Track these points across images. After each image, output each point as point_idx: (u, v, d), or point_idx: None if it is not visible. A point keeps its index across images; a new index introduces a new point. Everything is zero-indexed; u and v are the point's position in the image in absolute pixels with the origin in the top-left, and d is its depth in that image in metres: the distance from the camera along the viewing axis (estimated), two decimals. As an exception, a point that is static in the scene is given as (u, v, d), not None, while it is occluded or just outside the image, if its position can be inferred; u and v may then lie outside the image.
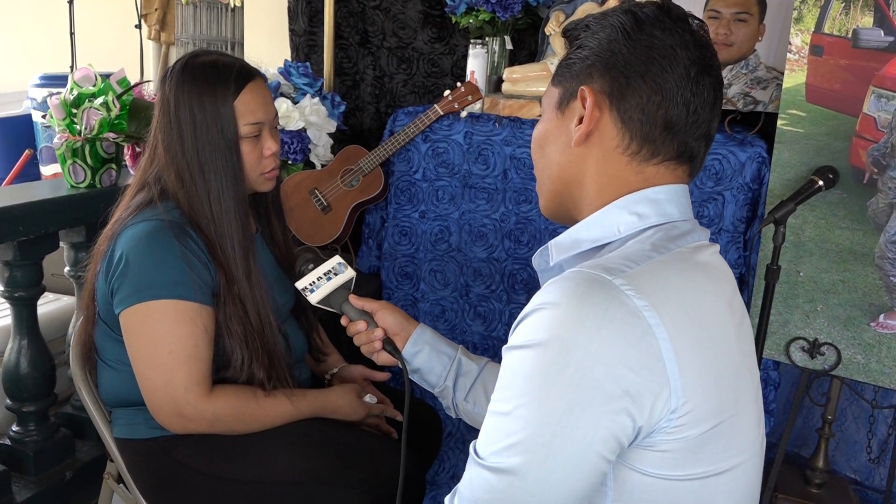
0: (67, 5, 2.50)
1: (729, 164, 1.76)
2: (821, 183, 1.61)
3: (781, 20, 1.84)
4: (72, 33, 2.52)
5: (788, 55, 1.66)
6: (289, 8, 2.55)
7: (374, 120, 2.61)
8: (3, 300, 1.92)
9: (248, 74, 1.28)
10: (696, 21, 0.82)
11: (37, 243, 1.83)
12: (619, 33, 0.80)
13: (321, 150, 2.10)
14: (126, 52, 2.43)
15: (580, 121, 0.82)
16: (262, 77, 1.32)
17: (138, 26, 2.39)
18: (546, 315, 0.71)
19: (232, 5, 2.35)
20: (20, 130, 2.99)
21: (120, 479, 1.37)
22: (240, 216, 1.27)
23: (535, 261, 0.88)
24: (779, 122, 1.70)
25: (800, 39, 1.64)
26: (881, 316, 1.64)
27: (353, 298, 1.17)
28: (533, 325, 0.72)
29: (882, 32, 1.54)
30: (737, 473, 0.77)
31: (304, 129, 2.05)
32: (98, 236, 1.31)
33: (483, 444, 0.74)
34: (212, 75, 1.25)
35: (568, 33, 0.85)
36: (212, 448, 1.25)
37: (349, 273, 1.20)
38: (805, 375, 1.78)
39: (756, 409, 0.83)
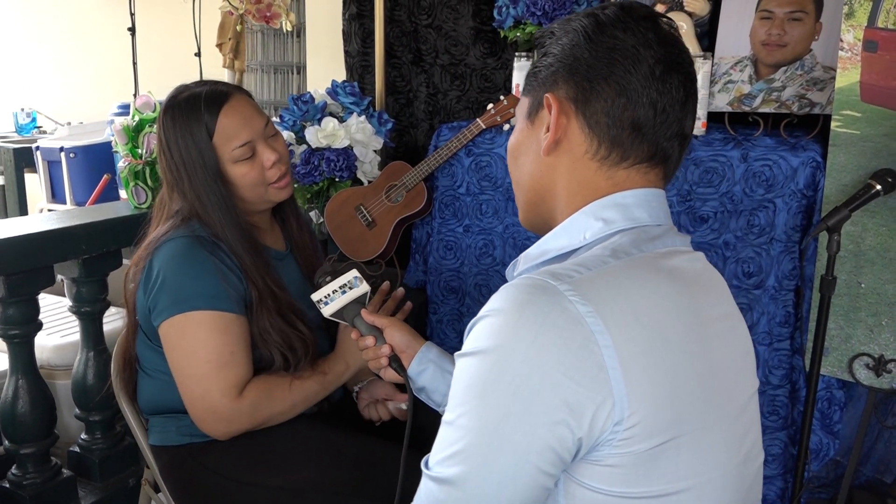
0: (130, 36, 2.66)
1: (780, 169, 1.67)
2: (878, 187, 1.50)
3: (840, 17, 1.74)
4: (134, 63, 2.67)
5: (840, 53, 1.57)
6: (343, 31, 2.61)
7: (428, 136, 2.63)
8: (72, 316, 2.04)
9: (220, 99, 1.31)
10: (663, 19, 0.79)
11: (100, 261, 1.94)
12: (581, 37, 0.78)
13: (368, 167, 2.14)
14: (187, 80, 2.57)
15: (548, 129, 0.80)
16: (242, 93, 1.35)
17: (198, 54, 2.50)
18: (489, 322, 0.70)
19: (285, 30, 2.43)
20: (102, 157, 3.20)
21: (157, 486, 1.42)
22: (246, 239, 1.31)
23: (507, 273, 0.86)
24: (833, 124, 1.60)
25: (852, 36, 1.55)
26: (953, 330, 1.51)
27: (364, 313, 1.18)
28: (477, 333, 0.71)
29: (942, 24, 1.43)
30: (701, 494, 0.71)
31: (350, 147, 2.09)
32: (135, 254, 1.38)
33: (431, 454, 0.72)
34: (187, 111, 1.30)
35: (536, 41, 0.84)
36: (238, 454, 1.29)
37: (364, 288, 1.21)
38: (871, 394, 1.65)
39: (736, 425, 0.77)
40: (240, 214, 1.33)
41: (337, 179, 2.10)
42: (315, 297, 1.20)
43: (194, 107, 1.29)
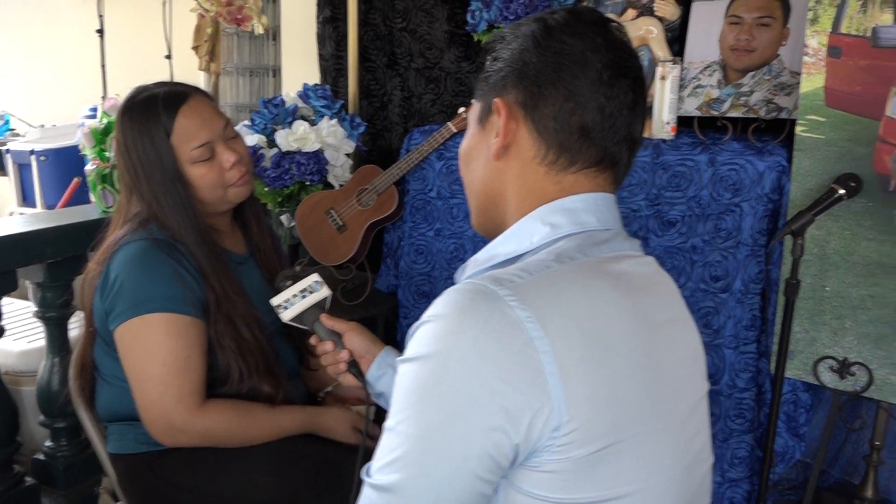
0: (98, 39, 2.63)
1: (747, 173, 1.67)
2: (842, 192, 1.51)
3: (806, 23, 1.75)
4: (103, 65, 2.64)
5: (805, 58, 1.58)
6: (317, 34, 2.60)
7: (402, 140, 2.62)
8: (37, 321, 2.01)
9: (178, 100, 1.30)
10: (612, 23, 0.80)
11: (66, 265, 1.91)
12: (530, 42, 0.78)
13: (339, 170, 2.13)
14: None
15: (498, 134, 0.80)
16: (201, 94, 1.34)
17: (168, 56, 2.48)
18: (430, 327, 0.70)
19: (256, 33, 2.42)
20: (72, 160, 3.16)
21: (115, 495, 1.40)
22: (204, 242, 1.30)
23: (456, 276, 0.86)
24: (797, 129, 1.61)
25: (816, 41, 1.56)
26: (915, 333, 1.52)
27: (324, 318, 1.17)
28: (418, 338, 0.70)
29: (903, 30, 1.45)
30: (644, 499, 0.71)
31: (321, 151, 2.08)
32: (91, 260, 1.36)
33: (373, 462, 0.72)
34: (145, 112, 1.29)
35: (488, 45, 0.84)
36: (195, 464, 1.27)
37: (324, 292, 1.20)
38: (836, 397, 1.66)
39: (683, 429, 0.77)
40: (199, 217, 1.31)
41: (307, 183, 2.09)
42: (274, 301, 1.19)
43: (152, 107, 1.28)
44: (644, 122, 0.83)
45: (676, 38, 1.98)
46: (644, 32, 1.97)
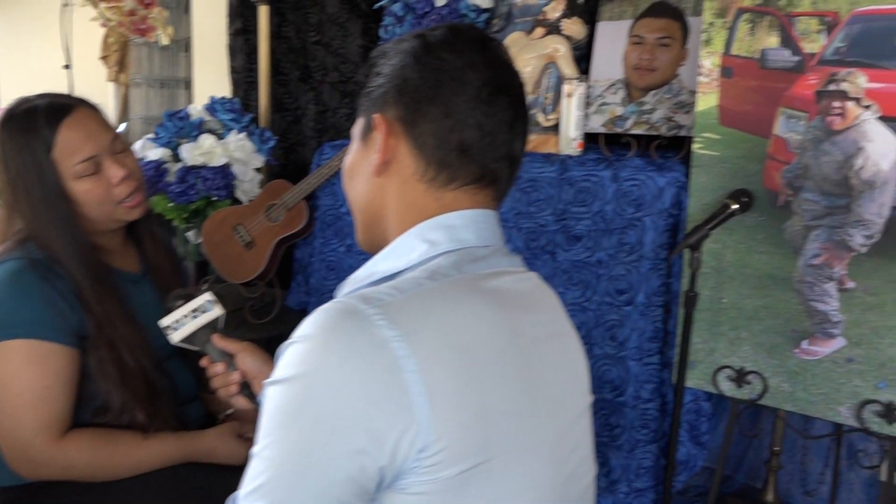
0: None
1: (648, 189, 1.72)
2: (735, 206, 1.56)
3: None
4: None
5: (700, 78, 1.64)
6: (228, 46, 2.55)
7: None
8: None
9: (61, 112, 1.24)
10: (492, 41, 0.80)
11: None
12: (410, 58, 0.78)
13: (248, 185, 2.08)
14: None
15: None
16: (87, 106, 1.29)
17: (67, 67, 2.39)
18: (296, 349, 0.68)
19: (161, 44, 2.35)
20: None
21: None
22: (86, 262, 1.24)
23: (335, 293, 0.85)
24: (694, 146, 1.67)
25: (710, 62, 1.62)
26: (804, 342, 1.59)
27: (216, 338, 1.13)
28: (284, 360, 0.69)
29: (789, 52, 1.52)
30: None
31: (228, 165, 2.03)
32: None
33: (241, 488, 0.70)
34: (24, 124, 1.22)
35: (371, 60, 0.84)
36: (79, 495, 1.20)
37: (217, 311, 1.16)
38: (735, 405, 1.72)
39: (561, 445, 0.77)
40: (82, 235, 1.25)
41: (214, 198, 2.03)
42: (164, 322, 1.14)
43: (32, 120, 1.21)
44: (525, 139, 0.84)
45: (584, 57, 2.03)
46: (552, 51, 2.00)
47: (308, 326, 0.69)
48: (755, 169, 1.59)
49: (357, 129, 0.85)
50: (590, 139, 1.95)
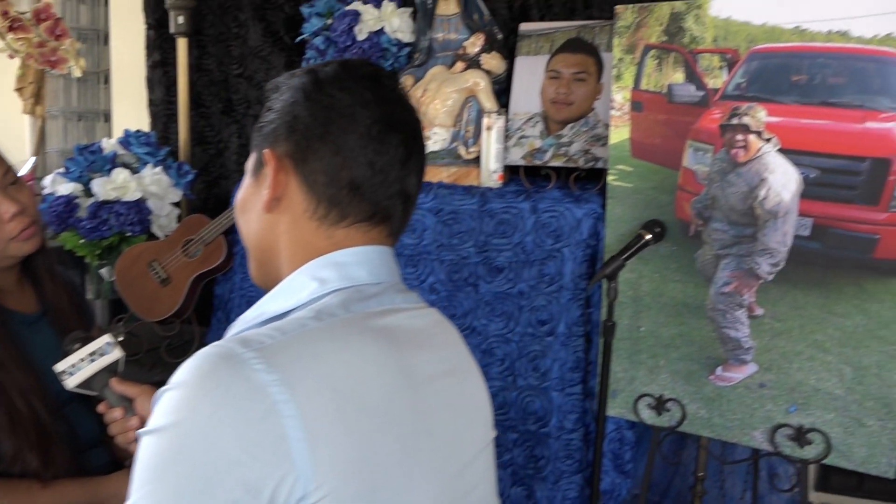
0: None
1: (566, 220, 1.75)
2: (649, 237, 1.60)
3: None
4: None
5: (612, 112, 1.68)
6: (147, 78, 2.50)
7: (240, 188, 2.55)
8: None
9: None
10: (385, 77, 0.80)
11: None
12: (300, 95, 0.77)
13: (164, 220, 2.02)
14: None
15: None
16: None
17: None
18: (170, 396, 0.65)
19: (73, 76, 2.28)
20: None
21: None
22: None
23: (225, 334, 0.82)
24: (609, 178, 1.70)
25: (621, 96, 1.66)
26: (718, 369, 1.62)
27: (114, 382, 1.08)
28: (158, 409, 0.66)
29: (693, 87, 1.57)
30: None
31: (143, 200, 1.97)
32: None
33: None
34: None
35: (265, 93, 0.83)
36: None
37: (116, 354, 1.11)
38: (656, 433, 1.74)
39: (455, 485, 0.75)
40: None
41: (128, 234, 1.97)
42: (58, 367, 1.09)
43: None
44: (421, 175, 0.84)
45: (504, 91, 2.06)
46: (472, 84, 2.03)
47: (183, 372, 0.66)
48: (667, 200, 1.63)
49: (249, 163, 0.83)
50: (514, 172, 1.97)
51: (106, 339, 1.12)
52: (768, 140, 1.48)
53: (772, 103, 1.47)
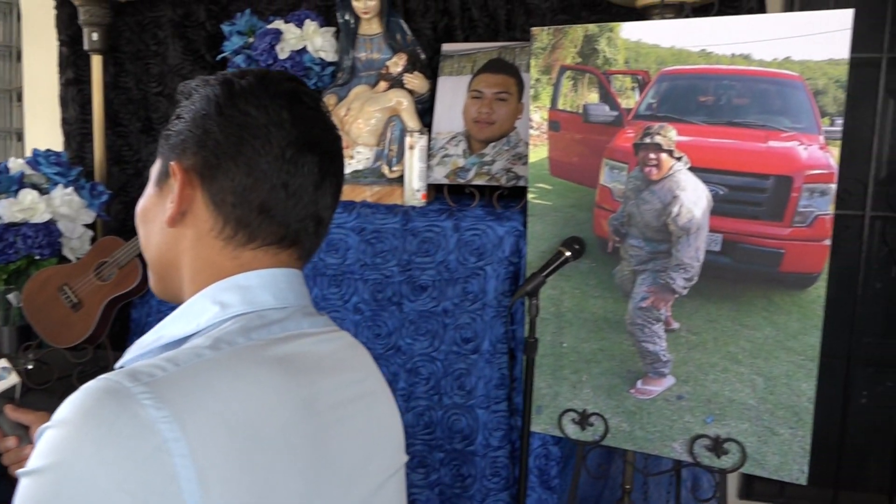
0: None
1: (488, 238, 1.76)
2: (568, 254, 1.62)
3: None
4: None
5: (531, 131, 1.71)
6: (60, 97, 2.41)
7: (161, 209, 2.48)
8: None
9: None
10: (304, 94, 0.77)
11: None
12: (213, 107, 0.73)
13: (76, 242, 1.95)
14: None
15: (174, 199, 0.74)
16: None
17: None
18: (50, 435, 0.60)
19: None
20: None
21: None
22: None
23: (119, 361, 0.78)
24: (529, 196, 1.72)
25: (539, 115, 1.69)
26: (638, 382, 1.65)
27: (9, 409, 1.03)
28: (37, 449, 0.61)
29: (607, 108, 1.61)
30: None
31: (53, 222, 1.89)
32: None
33: None
34: None
35: (178, 94, 0.79)
36: None
37: (12, 380, 1.06)
38: (580, 448, 1.75)
39: None
40: None
41: (37, 257, 1.88)
42: None
43: None
44: (336, 197, 0.81)
45: (429, 110, 2.07)
46: (395, 104, 2.03)
47: (65, 409, 0.61)
48: (585, 217, 1.66)
49: (154, 171, 0.79)
50: (439, 190, 1.98)
51: (1, 364, 1.06)
52: (679, 158, 1.53)
53: (681, 123, 1.52)
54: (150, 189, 0.79)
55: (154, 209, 0.78)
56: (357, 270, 1.84)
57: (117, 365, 0.73)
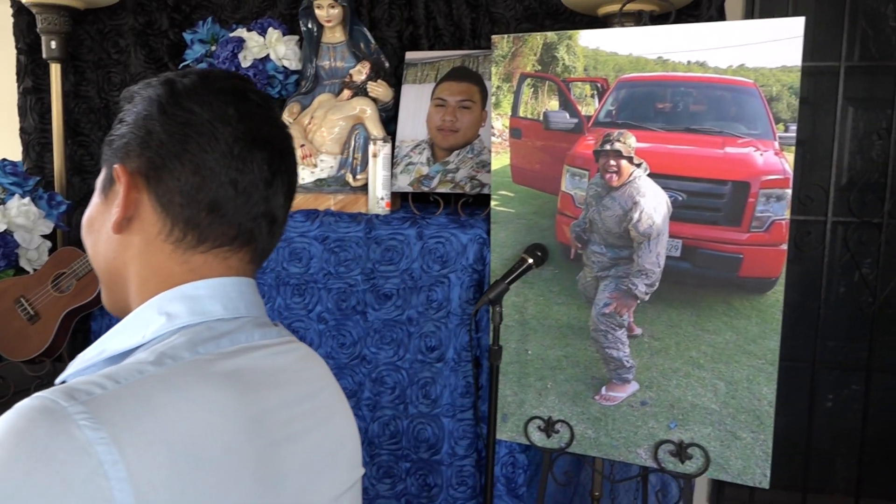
0: None
1: (452, 246, 1.75)
2: (531, 261, 1.62)
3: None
4: None
5: (493, 138, 1.71)
6: (18, 105, 2.37)
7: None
8: None
9: None
10: (251, 91, 0.75)
11: None
12: (155, 108, 0.72)
13: (34, 253, 1.91)
14: None
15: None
16: None
17: None
18: None
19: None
20: None
21: None
22: None
23: (61, 376, 0.76)
24: (492, 204, 1.72)
25: (500, 123, 1.69)
26: (603, 388, 1.65)
27: None
28: None
29: (567, 115, 1.61)
30: None
31: (8, 232, 1.85)
32: None
33: None
34: None
35: (121, 99, 0.77)
36: None
37: None
38: (546, 455, 1.75)
39: None
40: None
41: (-7, 269, 1.84)
42: None
43: None
44: (290, 195, 0.79)
45: (393, 118, 2.07)
46: (358, 112, 2.02)
47: None
48: (548, 224, 1.67)
49: (99, 180, 0.77)
50: (405, 198, 1.97)
51: None
52: (639, 165, 1.54)
53: (640, 129, 1.53)
54: (95, 198, 0.77)
55: (100, 218, 0.76)
56: (321, 279, 1.82)
57: (58, 380, 0.70)
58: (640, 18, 1.82)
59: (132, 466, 0.57)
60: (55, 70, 2.20)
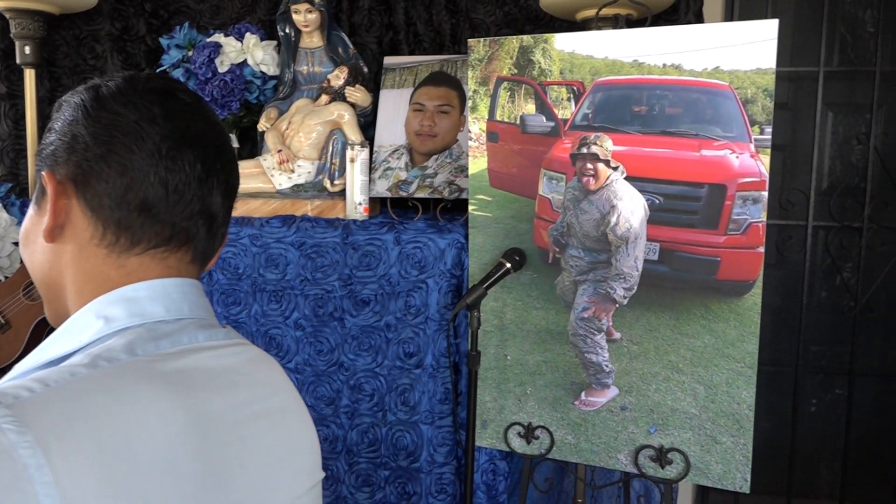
0: None
1: (430, 251, 1.73)
2: (508, 266, 1.61)
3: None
4: None
5: (470, 143, 1.70)
6: (-7, 111, 2.34)
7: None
8: None
9: None
10: (179, 91, 0.75)
11: None
12: (80, 113, 0.71)
13: (5, 261, 1.88)
14: None
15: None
16: None
17: None
18: None
19: None
20: None
21: None
22: None
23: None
24: (469, 208, 1.71)
25: (477, 127, 1.68)
26: (582, 394, 1.64)
27: None
28: None
29: (544, 118, 1.60)
30: None
31: (-20, 240, 1.83)
32: None
33: None
34: None
35: (51, 114, 0.76)
36: None
37: None
38: (527, 461, 1.73)
39: None
40: None
41: (-37, 278, 1.81)
42: None
43: None
44: (229, 194, 0.78)
45: (372, 123, 2.05)
46: (336, 117, 2.01)
47: None
48: (525, 228, 1.65)
49: (35, 191, 0.76)
50: (384, 204, 1.96)
51: None
52: (616, 168, 1.53)
53: (617, 133, 1.52)
54: (30, 210, 0.76)
55: (34, 229, 0.75)
56: (297, 286, 1.80)
57: None
58: (616, 22, 1.82)
59: (59, 471, 0.55)
60: (29, 75, 2.17)
